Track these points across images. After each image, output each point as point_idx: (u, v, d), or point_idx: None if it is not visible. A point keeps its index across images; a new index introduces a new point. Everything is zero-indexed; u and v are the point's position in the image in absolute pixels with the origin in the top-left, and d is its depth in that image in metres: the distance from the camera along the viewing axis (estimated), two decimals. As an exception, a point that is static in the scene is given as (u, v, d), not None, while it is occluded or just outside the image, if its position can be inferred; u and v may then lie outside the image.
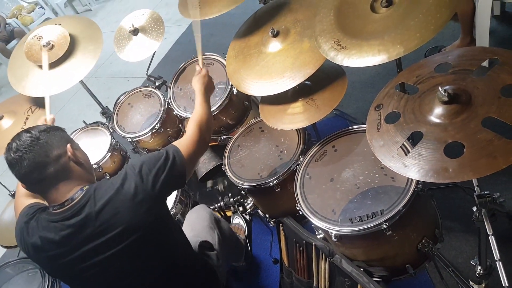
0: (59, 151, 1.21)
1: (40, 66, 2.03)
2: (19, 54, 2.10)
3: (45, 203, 1.28)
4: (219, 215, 2.04)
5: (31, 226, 1.25)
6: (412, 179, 1.36)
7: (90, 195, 1.20)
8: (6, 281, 1.94)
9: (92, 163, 1.41)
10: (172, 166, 1.25)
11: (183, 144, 1.34)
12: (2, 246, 2.00)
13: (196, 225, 1.75)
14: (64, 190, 1.21)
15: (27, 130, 1.21)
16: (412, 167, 1.06)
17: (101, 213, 1.17)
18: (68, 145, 1.24)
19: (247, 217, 2.31)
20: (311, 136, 1.90)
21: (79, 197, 1.20)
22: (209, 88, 1.63)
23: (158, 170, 1.23)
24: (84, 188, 1.22)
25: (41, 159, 1.17)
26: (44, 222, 1.23)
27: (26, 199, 1.41)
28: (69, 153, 1.23)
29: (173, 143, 1.34)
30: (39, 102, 2.10)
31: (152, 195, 1.21)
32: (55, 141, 1.21)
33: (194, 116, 1.45)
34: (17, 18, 6.08)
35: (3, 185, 2.01)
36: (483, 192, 1.12)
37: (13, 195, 2.01)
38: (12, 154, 1.16)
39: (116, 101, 2.36)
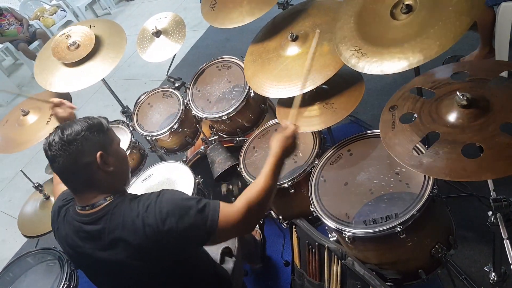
0: (88, 159, 1.16)
1: (65, 64, 2.10)
2: (47, 52, 2.18)
3: None
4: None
5: (61, 214, 1.29)
6: (427, 185, 1.37)
7: (109, 210, 1.17)
8: (26, 270, 1.99)
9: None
10: (199, 223, 1.13)
11: (226, 212, 1.16)
12: (24, 235, 2.06)
13: None
14: (88, 196, 1.20)
15: (62, 130, 1.16)
16: (429, 165, 1.07)
17: (113, 232, 1.15)
18: (98, 154, 1.16)
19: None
20: (326, 140, 1.92)
21: (99, 208, 1.18)
22: (288, 153, 1.35)
23: (183, 220, 1.11)
24: (107, 199, 1.19)
25: (70, 165, 1.15)
26: (69, 217, 1.25)
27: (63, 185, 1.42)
28: (98, 163, 1.17)
29: (218, 203, 1.17)
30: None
31: (165, 247, 1.14)
32: (86, 148, 1.16)
33: (252, 189, 1.21)
34: (39, 20, 6.24)
35: (27, 177, 2.07)
36: (499, 197, 1.13)
37: (36, 187, 2.07)
38: (48, 150, 1.15)
39: (137, 100, 2.42)
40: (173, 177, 2.03)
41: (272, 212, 2.06)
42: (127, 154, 2.30)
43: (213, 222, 1.13)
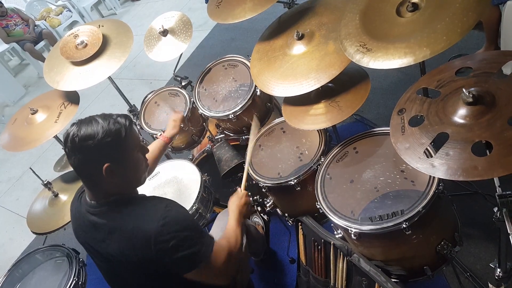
0: (95, 168, 1.16)
1: (73, 63, 2.13)
2: (56, 52, 2.20)
3: None
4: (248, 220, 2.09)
5: (76, 197, 1.38)
6: (432, 182, 1.38)
7: (111, 207, 1.24)
8: (35, 267, 2.02)
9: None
10: (188, 255, 1.19)
11: (216, 251, 1.27)
12: (32, 232, 2.08)
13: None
14: (94, 194, 1.26)
15: (79, 127, 1.15)
16: (441, 167, 1.08)
17: (112, 232, 1.23)
18: (105, 166, 1.15)
19: (265, 217, 2.35)
20: (332, 139, 1.93)
21: (101, 204, 1.25)
22: (245, 214, 1.58)
23: (176, 248, 1.17)
24: (111, 198, 1.24)
25: (78, 166, 1.19)
26: (83, 202, 1.32)
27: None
28: (103, 173, 1.16)
29: (212, 244, 1.27)
30: (71, 98, 2.19)
31: (155, 263, 1.19)
32: (95, 156, 1.15)
33: (226, 242, 1.36)
34: (45, 20, 6.29)
35: (36, 174, 2.09)
36: (504, 192, 1.14)
37: (45, 185, 2.09)
38: (65, 142, 1.18)
39: (144, 99, 2.44)
40: (180, 175, 2.05)
41: (278, 209, 2.07)
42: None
43: (202, 258, 1.21)
